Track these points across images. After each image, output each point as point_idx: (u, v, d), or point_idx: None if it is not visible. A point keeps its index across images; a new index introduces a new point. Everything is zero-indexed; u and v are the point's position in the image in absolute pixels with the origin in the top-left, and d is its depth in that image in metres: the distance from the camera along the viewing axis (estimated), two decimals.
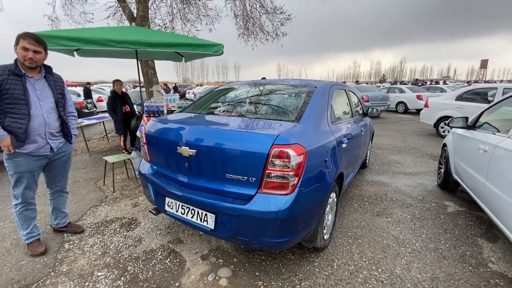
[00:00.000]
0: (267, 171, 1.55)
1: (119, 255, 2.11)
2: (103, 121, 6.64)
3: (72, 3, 7.54)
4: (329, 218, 2.18)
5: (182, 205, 1.88)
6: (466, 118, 3.06)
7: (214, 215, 1.71)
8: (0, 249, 2.19)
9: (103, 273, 1.90)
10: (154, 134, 2.05)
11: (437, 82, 22.37)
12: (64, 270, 1.94)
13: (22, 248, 2.17)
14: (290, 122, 1.85)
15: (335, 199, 2.27)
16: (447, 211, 2.93)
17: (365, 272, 1.94)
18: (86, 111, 9.52)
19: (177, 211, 1.91)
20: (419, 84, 19.60)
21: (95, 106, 10.23)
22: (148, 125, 2.17)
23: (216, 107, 2.48)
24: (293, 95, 2.33)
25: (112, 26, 6.48)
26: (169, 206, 1.97)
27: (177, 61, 6.04)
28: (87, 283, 1.81)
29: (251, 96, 2.53)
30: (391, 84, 18.02)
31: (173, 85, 26.51)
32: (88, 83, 12.28)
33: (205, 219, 1.75)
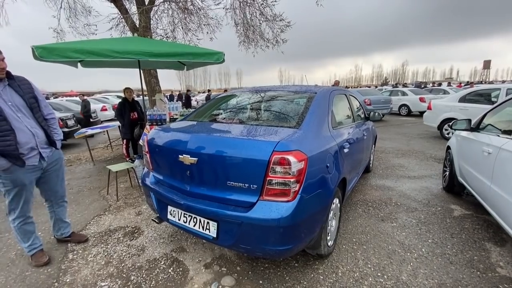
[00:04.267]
0: (268, 178, 1.55)
1: (122, 265, 2.11)
2: (107, 130, 6.71)
3: (77, 16, 7.74)
4: (332, 224, 2.16)
5: (184, 214, 1.88)
6: (469, 120, 3.03)
7: (216, 223, 1.71)
8: (5, 260, 2.20)
9: (106, 283, 1.90)
10: (156, 142, 2.06)
11: (439, 84, 22.25)
12: (67, 280, 1.94)
13: (27, 259, 2.18)
14: (291, 128, 1.85)
15: (339, 204, 2.25)
16: (453, 215, 2.89)
17: (370, 279, 1.91)
18: (91, 120, 9.63)
19: (179, 220, 1.91)
20: (422, 86, 19.52)
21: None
22: (150, 134, 2.19)
23: (217, 115, 2.50)
24: (294, 101, 2.34)
25: (115, 37, 6.61)
26: (171, 214, 1.97)
27: (179, 69, 6.13)
28: None
29: (251, 103, 2.55)
30: (392, 87, 18.02)
31: (177, 93, 26.76)
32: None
33: (207, 227, 1.75)
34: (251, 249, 1.67)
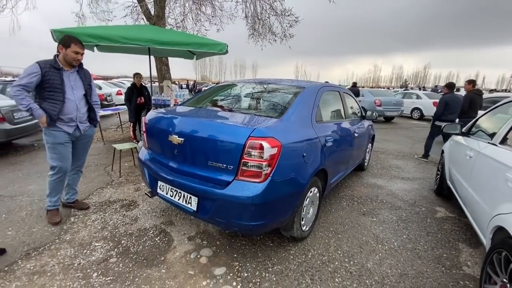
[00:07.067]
0: (243, 160, 1.72)
1: (116, 230, 2.36)
2: (118, 113, 7.05)
3: (97, 2, 8.05)
4: (309, 211, 2.31)
5: (171, 188, 2.08)
6: (461, 125, 3.06)
7: (197, 198, 1.90)
8: (17, 218, 2.50)
9: (100, 244, 2.15)
10: (151, 123, 2.27)
11: (457, 90, 21.38)
12: (67, 238, 2.21)
13: (35, 218, 2.48)
14: (273, 118, 2.00)
15: (317, 194, 2.39)
16: (436, 216, 2.96)
17: (336, 263, 2.05)
18: (106, 103, 10.14)
19: (167, 194, 2.12)
20: (438, 90, 18.88)
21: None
22: (147, 116, 2.39)
23: (211, 101, 2.67)
24: (282, 94, 2.48)
25: (129, 24, 6.86)
26: (160, 189, 2.18)
27: (189, 58, 6.33)
28: (85, 251, 2.06)
29: (244, 94, 2.71)
30: (403, 90, 17.63)
31: (192, 82, 27.24)
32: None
33: (190, 201, 1.95)
34: (226, 222, 1.85)
